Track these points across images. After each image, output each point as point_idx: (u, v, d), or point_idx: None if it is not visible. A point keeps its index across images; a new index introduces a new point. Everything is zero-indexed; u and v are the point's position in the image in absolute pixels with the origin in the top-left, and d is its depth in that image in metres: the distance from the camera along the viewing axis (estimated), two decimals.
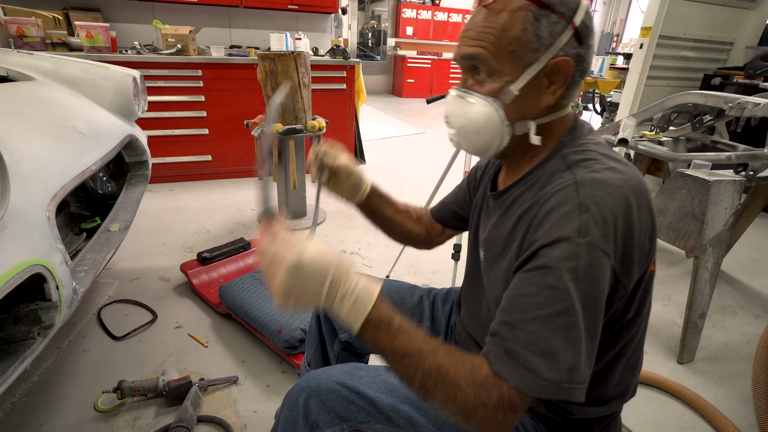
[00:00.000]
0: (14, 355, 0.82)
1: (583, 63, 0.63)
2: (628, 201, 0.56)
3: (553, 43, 0.60)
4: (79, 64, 1.67)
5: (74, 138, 1.24)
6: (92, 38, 2.97)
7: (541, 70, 0.61)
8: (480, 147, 0.68)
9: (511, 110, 0.64)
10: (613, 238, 0.55)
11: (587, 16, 0.61)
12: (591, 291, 0.54)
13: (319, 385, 0.69)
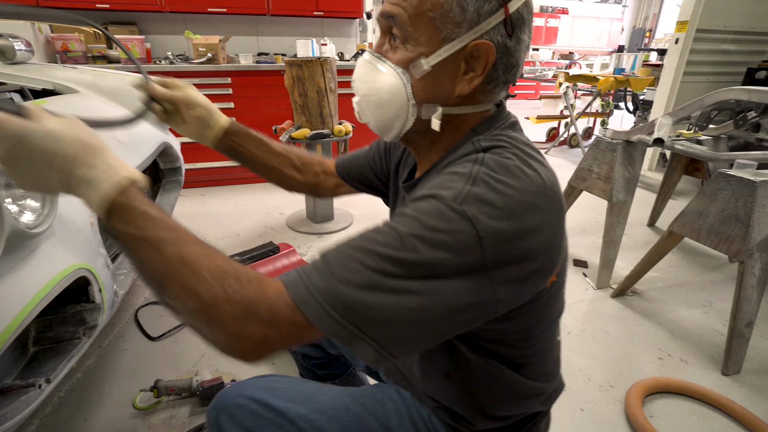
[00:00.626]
0: (62, 354, 0.86)
1: (510, 58, 0.55)
2: (533, 201, 0.50)
3: (479, 22, 0.52)
4: (117, 76, 1.74)
5: (114, 147, 1.29)
6: (129, 51, 3.10)
7: (461, 50, 0.54)
8: (382, 123, 0.61)
9: (419, 88, 0.56)
10: (494, 229, 0.46)
11: (526, 7, 0.54)
12: (435, 265, 0.46)
13: (228, 402, 0.68)
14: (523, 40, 0.55)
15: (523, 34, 0.55)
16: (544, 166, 0.56)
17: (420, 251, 0.45)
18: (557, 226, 0.54)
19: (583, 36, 9.99)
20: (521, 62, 0.58)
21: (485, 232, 0.46)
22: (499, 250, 0.47)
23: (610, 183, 2.09)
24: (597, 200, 3.26)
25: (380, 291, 0.45)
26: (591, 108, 4.86)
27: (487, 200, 0.48)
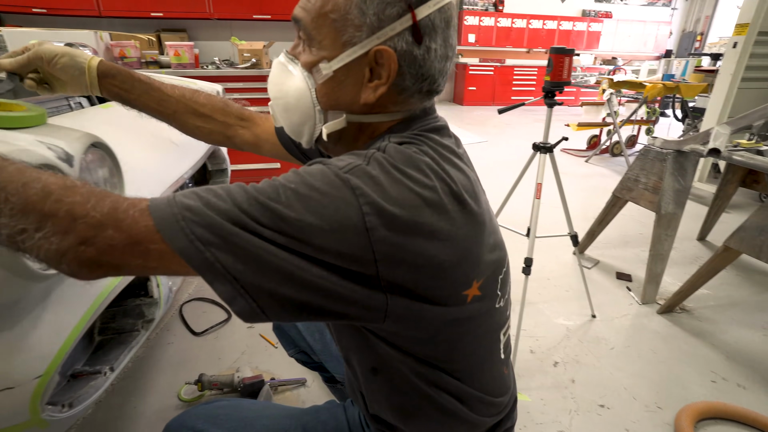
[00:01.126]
0: (124, 344, 0.91)
1: (419, 67, 0.52)
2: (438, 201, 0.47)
3: (381, 27, 0.50)
4: (172, 81, 1.82)
5: (170, 149, 1.36)
6: (179, 56, 3.24)
7: (363, 56, 0.51)
8: (291, 127, 0.59)
9: (322, 93, 0.54)
10: (380, 209, 0.44)
11: (439, 14, 0.50)
12: (305, 229, 0.42)
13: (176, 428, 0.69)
14: (434, 50, 0.52)
15: (434, 42, 0.51)
16: (460, 171, 0.53)
17: (293, 208, 0.43)
18: (470, 236, 0.51)
19: (627, 40, 9.65)
20: (436, 72, 0.54)
21: (370, 207, 0.43)
22: (388, 237, 0.44)
23: (659, 194, 2.01)
24: (641, 211, 3.14)
25: (244, 229, 0.42)
26: (636, 115, 4.68)
27: (377, 179, 0.45)
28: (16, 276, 0.58)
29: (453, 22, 0.53)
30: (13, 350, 0.63)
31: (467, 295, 0.53)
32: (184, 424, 0.69)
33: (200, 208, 0.42)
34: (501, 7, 8.83)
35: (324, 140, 0.58)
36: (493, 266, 0.57)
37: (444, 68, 0.54)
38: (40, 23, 3.49)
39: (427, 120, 0.58)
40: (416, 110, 0.58)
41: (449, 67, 0.55)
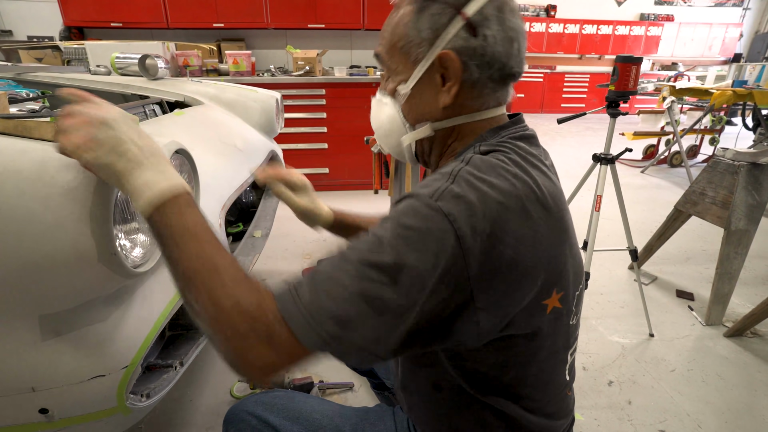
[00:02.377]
0: (192, 341, 0.96)
1: (481, 56, 0.55)
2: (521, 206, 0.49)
3: (437, 35, 0.55)
4: (235, 89, 1.91)
5: (235, 154, 1.43)
6: (237, 64, 3.40)
7: (431, 66, 0.56)
8: (392, 150, 0.65)
9: (407, 111, 0.61)
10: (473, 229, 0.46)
11: (491, 3, 0.54)
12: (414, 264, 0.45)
13: (234, 416, 0.74)
14: (491, 36, 0.54)
15: (489, 29, 0.54)
16: (546, 176, 0.54)
17: (400, 254, 0.45)
18: (555, 243, 0.51)
19: (690, 44, 9.12)
20: (502, 56, 0.56)
21: (463, 231, 0.45)
22: (481, 255, 0.45)
23: (729, 209, 1.88)
24: (705, 226, 2.96)
25: (368, 304, 0.45)
26: (700, 124, 4.41)
27: (466, 198, 0.47)
28: (115, 273, 0.63)
29: (509, 6, 0.56)
30: (105, 341, 0.68)
31: (547, 306, 0.53)
32: (244, 408, 0.74)
33: (326, 306, 0.46)
34: (553, 13, 8.61)
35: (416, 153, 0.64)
36: (573, 278, 0.57)
37: (510, 50, 0.56)
38: (117, 36, 3.77)
39: (515, 129, 0.60)
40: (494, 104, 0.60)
41: (518, 48, 0.57)
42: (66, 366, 0.65)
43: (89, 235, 0.60)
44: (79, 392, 0.67)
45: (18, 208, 0.57)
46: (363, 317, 0.45)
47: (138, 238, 0.72)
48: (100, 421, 0.71)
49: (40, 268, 0.59)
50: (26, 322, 0.63)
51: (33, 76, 1.69)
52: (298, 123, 3.52)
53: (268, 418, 0.72)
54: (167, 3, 3.56)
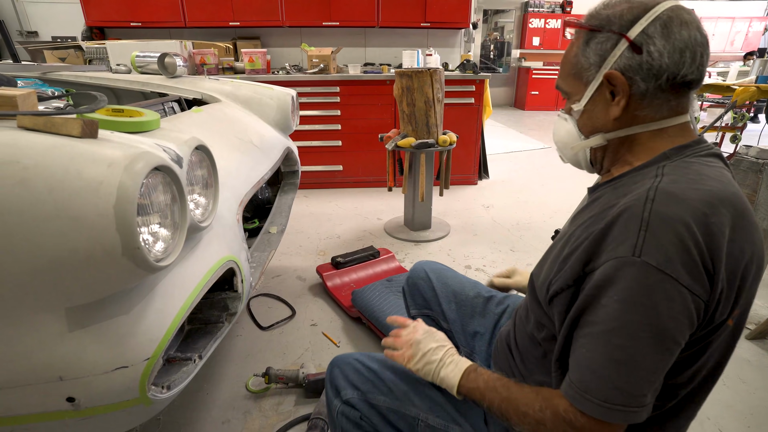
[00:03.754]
0: (210, 335, 0.98)
1: (647, 70, 0.61)
2: (705, 217, 0.54)
3: (605, 59, 0.64)
4: (251, 86, 1.93)
5: (251, 151, 1.44)
6: (253, 62, 3.43)
7: (600, 86, 0.66)
8: (571, 159, 0.76)
9: (582, 124, 0.71)
10: (680, 258, 0.53)
11: (655, 22, 0.61)
12: (648, 317, 0.53)
13: (341, 359, 0.92)
14: (656, 51, 0.60)
15: (653, 45, 0.60)
16: (724, 183, 0.59)
17: (628, 313, 0.54)
18: (739, 239, 0.56)
19: (711, 40, 8.86)
20: (671, 66, 0.61)
21: (677, 273, 0.53)
22: (700, 276, 0.54)
23: (752, 208, 1.83)
24: None
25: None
26: (721, 121, 4.30)
27: (660, 246, 0.53)
28: (138, 267, 0.65)
29: (678, 20, 0.61)
30: (128, 333, 0.70)
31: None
32: (351, 354, 0.92)
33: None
34: (569, 9, 8.48)
35: (591, 160, 0.74)
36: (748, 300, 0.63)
37: (681, 59, 0.61)
38: (136, 35, 3.84)
39: (698, 146, 0.65)
40: (670, 113, 0.65)
41: (691, 57, 0.61)
42: (91, 357, 0.67)
43: (114, 229, 0.61)
44: (103, 382, 0.68)
45: (46, 204, 0.59)
46: (631, 378, 0.56)
47: (160, 232, 0.73)
48: (123, 411, 0.73)
49: (67, 262, 0.61)
50: (54, 314, 0.65)
51: (57, 75, 1.73)
52: (312, 120, 3.54)
53: (370, 365, 0.89)
54: (185, 2, 3.61)
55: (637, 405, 0.55)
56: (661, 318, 0.52)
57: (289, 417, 1.43)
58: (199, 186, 0.92)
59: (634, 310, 0.53)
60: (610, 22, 0.64)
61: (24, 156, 0.60)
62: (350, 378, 0.87)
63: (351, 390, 0.87)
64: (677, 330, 0.53)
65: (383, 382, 0.85)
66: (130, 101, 1.88)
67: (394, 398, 0.83)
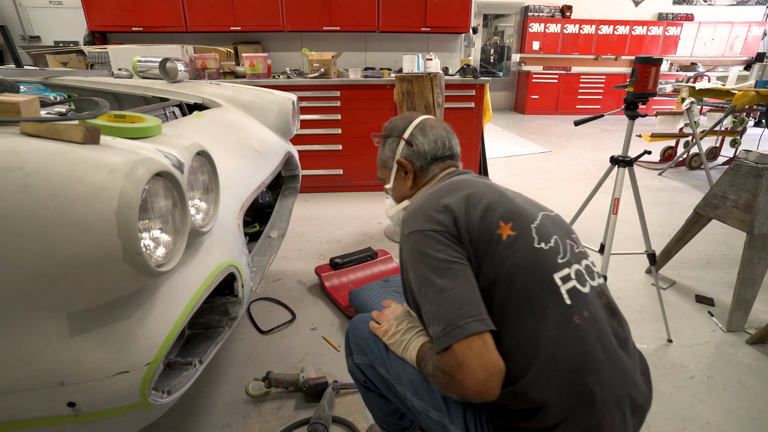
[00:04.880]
0: (210, 339, 0.98)
1: (419, 154, 1.02)
2: (439, 195, 0.86)
3: (395, 153, 1.05)
4: (252, 91, 1.94)
5: (252, 155, 1.45)
6: (254, 66, 3.44)
7: (397, 170, 1.06)
8: (395, 219, 1.11)
9: (395, 196, 1.11)
10: (422, 222, 0.81)
11: (417, 128, 1.04)
12: (421, 260, 0.78)
13: (357, 323, 1.05)
14: (420, 143, 1.02)
15: (417, 141, 1.02)
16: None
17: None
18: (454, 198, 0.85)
19: (710, 44, 8.93)
20: (431, 150, 1.02)
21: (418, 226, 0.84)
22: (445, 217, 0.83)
23: (752, 213, 1.84)
24: (725, 230, 2.89)
25: None
26: (720, 126, 4.32)
27: (412, 215, 0.86)
28: (139, 272, 0.65)
29: (428, 125, 1.05)
30: (129, 338, 0.70)
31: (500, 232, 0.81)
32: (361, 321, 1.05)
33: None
34: (568, 14, 8.52)
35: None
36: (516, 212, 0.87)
37: (435, 147, 1.03)
38: (138, 40, 3.86)
39: (446, 176, 1.02)
40: (436, 173, 1.05)
41: (442, 143, 1.03)
42: (92, 362, 0.67)
43: (115, 235, 0.62)
44: (104, 387, 0.69)
45: (49, 209, 0.59)
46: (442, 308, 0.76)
47: (161, 237, 0.74)
48: (124, 416, 0.73)
49: (68, 267, 0.61)
50: (55, 319, 0.65)
51: (59, 80, 1.73)
52: (312, 125, 3.55)
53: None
54: (186, 7, 3.63)
55: (467, 317, 0.69)
56: (428, 257, 0.76)
57: (289, 421, 1.43)
58: (200, 191, 0.92)
59: (414, 263, 0.79)
60: (392, 130, 1.06)
61: (26, 162, 0.60)
62: (360, 344, 1.01)
63: (360, 355, 1.00)
64: (443, 254, 0.75)
65: (383, 358, 0.95)
66: (132, 106, 1.89)
67: (389, 374, 0.94)
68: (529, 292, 0.75)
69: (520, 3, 8.56)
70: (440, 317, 0.71)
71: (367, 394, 1.06)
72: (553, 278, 0.77)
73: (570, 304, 0.76)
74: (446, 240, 0.77)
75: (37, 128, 0.65)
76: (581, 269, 0.82)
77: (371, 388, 1.03)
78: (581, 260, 0.83)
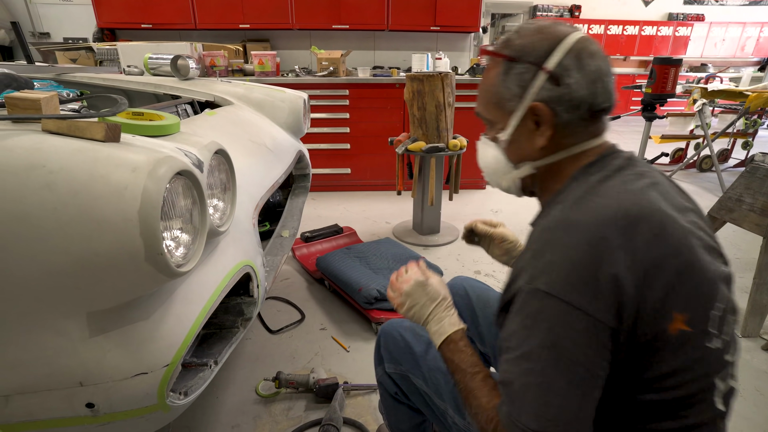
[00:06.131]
0: (225, 340, 0.97)
1: (567, 101, 0.63)
2: (603, 239, 0.54)
3: (526, 90, 0.65)
4: (263, 89, 1.93)
5: (265, 154, 1.44)
6: (262, 64, 3.44)
7: (525, 115, 0.66)
8: (502, 186, 0.77)
9: (509, 153, 0.72)
10: (570, 281, 0.54)
11: (570, 53, 0.63)
12: (546, 340, 0.54)
13: (390, 329, 0.94)
14: (574, 83, 0.63)
15: (571, 78, 0.62)
16: (629, 192, 0.60)
17: (534, 337, 0.58)
18: (648, 250, 0.55)
19: (721, 45, 8.84)
20: (587, 96, 0.63)
21: (567, 295, 0.55)
22: (595, 298, 0.55)
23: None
24: (739, 234, 2.86)
25: None
26: (733, 128, 4.27)
27: (552, 266, 0.56)
28: (160, 273, 0.64)
29: (587, 52, 0.63)
30: (148, 339, 0.69)
31: (671, 327, 0.57)
32: (397, 327, 0.94)
33: None
34: (577, 14, 8.46)
35: (527, 189, 0.75)
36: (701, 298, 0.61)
37: (595, 90, 0.63)
38: (147, 37, 3.86)
39: (604, 164, 0.66)
40: (588, 137, 0.67)
41: (602, 87, 0.64)
42: (111, 362, 0.66)
43: (138, 234, 0.61)
44: (123, 388, 0.68)
45: (71, 207, 0.58)
46: (542, 401, 0.56)
47: (181, 237, 0.73)
48: (142, 417, 0.72)
49: (90, 266, 0.60)
50: (75, 319, 0.64)
51: (71, 76, 1.73)
52: (321, 123, 3.54)
53: (413, 345, 0.91)
54: (195, 5, 3.63)
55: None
56: (559, 339, 0.53)
57: (299, 422, 1.42)
58: (218, 190, 0.91)
59: (534, 335, 0.55)
60: (525, 52, 0.64)
61: (49, 160, 0.59)
62: (393, 352, 0.91)
63: (392, 364, 0.91)
64: (579, 350, 0.53)
65: (421, 368, 0.86)
66: (143, 103, 1.88)
67: (427, 386, 0.85)
68: (680, 392, 0.58)
69: (528, 2, 8.51)
70: (536, 404, 0.54)
71: (395, 406, 0.97)
72: (714, 382, 0.59)
73: (723, 411, 0.62)
74: (596, 336, 0.53)
75: (59, 125, 0.64)
76: (736, 361, 0.65)
77: (401, 399, 0.94)
78: (738, 349, 0.66)
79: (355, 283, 1.93)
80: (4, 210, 0.56)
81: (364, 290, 1.87)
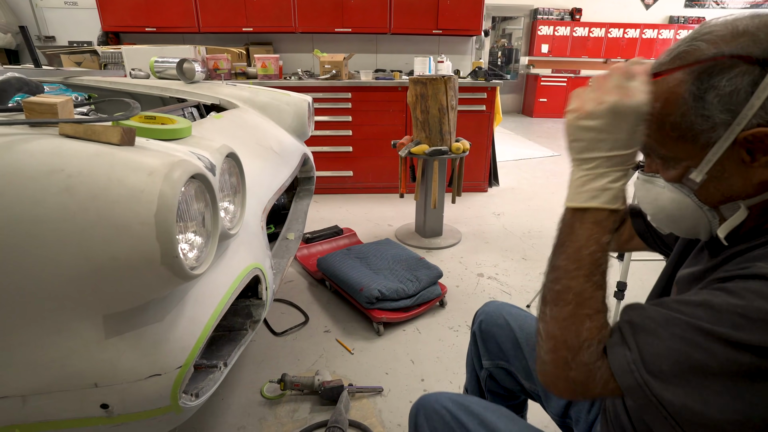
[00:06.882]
0: (234, 342, 0.98)
1: None
2: None
3: (737, 113, 0.46)
4: (268, 92, 1.94)
5: (272, 157, 1.45)
6: (265, 68, 3.45)
7: (731, 145, 0.47)
8: (687, 232, 0.58)
9: (705, 194, 0.52)
10: None
11: None
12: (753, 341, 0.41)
13: (428, 404, 0.78)
14: None
15: None
16: None
17: (741, 331, 0.42)
18: None
19: None
20: None
21: None
22: None
23: None
24: None
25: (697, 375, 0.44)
26: None
27: None
28: (175, 275, 0.65)
29: None
30: (162, 340, 0.70)
31: None
32: (440, 401, 0.78)
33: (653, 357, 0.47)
34: (578, 17, 8.50)
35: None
36: None
37: None
38: (151, 40, 3.88)
39: None
40: None
41: None
42: (126, 364, 0.67)
43: (154, 238, 0.61)
44: (137, 390, 0.68)
45: (89, 211, 0.59)
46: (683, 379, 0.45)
47: (195, 240, 0.74)
48: (155, 418, 0.73)
49: (107, 269, 0.61)
50: (92, 321, 0.65)
51: (79, 80, 1.74)
52: (323, 126, 3.55)
53: (462, 417, 0.74)
54: (199, 8, 3.65)
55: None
56: None
57: (304, 424, 1.43)
58: (229, 193, 0.92)
59: (739, 327, 0.43)
60: (746, 43, 0.45)
61: (68, 164, 0.60)
62: (437, 429, 0.75)
63: None
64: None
65: None
66: (149, 106, 1.90)
67: None
68: None
69: (529, 5, 8.55)
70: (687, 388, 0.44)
71: None
72: None
73: None
74: None
75: (76, 129, 0.65)
76: None
77: None
78: None
79: (356, 283, 1.94)
80: (24, 213, 0.57)
81: (365, 290, 1.88)
